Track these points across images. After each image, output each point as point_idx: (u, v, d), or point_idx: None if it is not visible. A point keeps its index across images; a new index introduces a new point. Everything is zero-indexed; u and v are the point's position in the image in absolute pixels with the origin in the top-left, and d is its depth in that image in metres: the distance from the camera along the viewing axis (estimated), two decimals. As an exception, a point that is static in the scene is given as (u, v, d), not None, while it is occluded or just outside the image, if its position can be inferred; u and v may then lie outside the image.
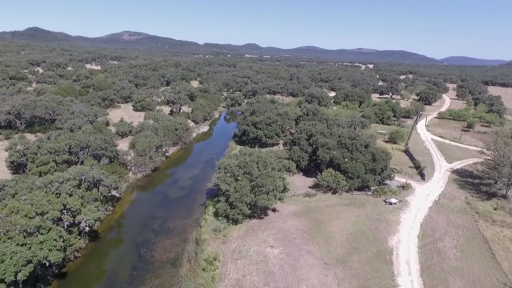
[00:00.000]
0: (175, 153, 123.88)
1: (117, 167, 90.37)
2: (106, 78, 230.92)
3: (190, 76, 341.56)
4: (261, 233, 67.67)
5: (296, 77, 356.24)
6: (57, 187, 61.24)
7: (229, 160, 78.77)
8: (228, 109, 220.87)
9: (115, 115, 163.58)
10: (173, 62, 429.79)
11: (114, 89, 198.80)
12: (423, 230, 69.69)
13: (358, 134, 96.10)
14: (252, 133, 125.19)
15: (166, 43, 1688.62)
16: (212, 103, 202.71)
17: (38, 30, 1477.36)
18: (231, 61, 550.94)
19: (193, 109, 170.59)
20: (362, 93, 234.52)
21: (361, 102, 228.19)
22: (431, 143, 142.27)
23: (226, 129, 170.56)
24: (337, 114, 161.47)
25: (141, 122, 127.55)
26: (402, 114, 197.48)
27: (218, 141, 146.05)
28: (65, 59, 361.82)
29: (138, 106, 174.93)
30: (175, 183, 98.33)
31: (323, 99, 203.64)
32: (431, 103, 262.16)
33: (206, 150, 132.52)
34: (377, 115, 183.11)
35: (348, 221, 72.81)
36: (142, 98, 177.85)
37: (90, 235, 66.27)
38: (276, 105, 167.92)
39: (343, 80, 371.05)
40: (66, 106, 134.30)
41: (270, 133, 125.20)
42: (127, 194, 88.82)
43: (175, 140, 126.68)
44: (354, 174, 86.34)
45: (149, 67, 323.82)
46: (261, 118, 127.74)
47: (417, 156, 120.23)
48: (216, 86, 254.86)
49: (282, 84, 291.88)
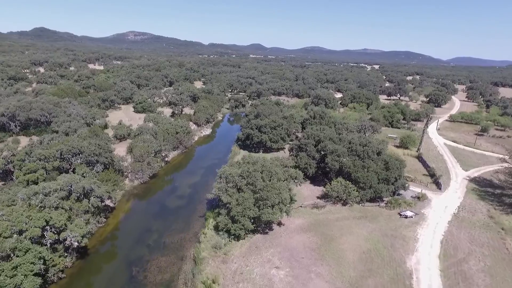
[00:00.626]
0: (175, 158, 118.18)
1: (112, 174, 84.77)
2: (108, 79, 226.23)
3: (194, 76, 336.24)
4: (266, 251, 61.55)
5: (301, 77, 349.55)
6: (42, 200, 55.67)
7: (231, 169, 72.77)
8: (232, 111, 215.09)
9: (115, 117, 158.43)
10: (177, 62, 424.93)
11: (115, 90, 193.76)
12: (444, 249, 63.10)
13: (369, 140, 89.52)
14: (257, 137, 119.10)
15: (171, 43, 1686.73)
16: (215, 104, 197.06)
17: (44, 30, 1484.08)
18: (236, 61, 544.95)
19: (195, 111, 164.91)
20: (370, 95, 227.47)
21: (369, 104, 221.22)
22: (444, 148, 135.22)
23: (230, 131, 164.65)
24: (345, 117, 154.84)
25: (140, 125, 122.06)
26: (411, 117, 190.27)
27: (221, 145, 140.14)
28: (68, 59, 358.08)
29: (138, 107, 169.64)
30: (174, 191, 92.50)
31: (329, 101, 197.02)
32: (440, 105, 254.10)
33: (208, 154, 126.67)
34: (386, 118, 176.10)
35: (361, 237, 66.45)
36: (143, 99, 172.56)
37: (79, 251, 60.60)
38: (282, 108, 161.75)
39: (350, 81, 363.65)
40: (63, 108, 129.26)
41: (275, 137, 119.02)
42: (122, 203, 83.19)
43: (176, 144, 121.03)
44: (366, 184, 79.91)
45: (152, 67, 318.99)
46: (266, 121, 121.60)
47: (431, 162, 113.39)
48: (220, 87, 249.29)
49: (287, 85, 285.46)
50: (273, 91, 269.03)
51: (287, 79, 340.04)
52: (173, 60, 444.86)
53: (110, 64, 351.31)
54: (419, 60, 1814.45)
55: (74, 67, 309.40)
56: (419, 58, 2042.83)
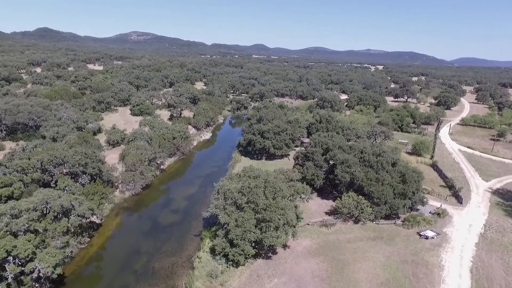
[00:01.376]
0: (171, 166, 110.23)
1: (100, 187, 76.91)
2: (105, 80, 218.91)
3: (195, 77, 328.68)
4: (268, 282, 53.38)
5: (305, 78, 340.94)
6: (7, 223, 47.79)
7: (229, 184, 64.61)
8: (233, 113, 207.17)
9: (111, 120, 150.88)
10: (179, 62, 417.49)
11: (112, 91, 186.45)
12: (476, 280, 54.58)
13: (383, 149, 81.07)
14: (259, 143, 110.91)
15: (173, 44, 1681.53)
16: (216, 107, 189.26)
17: (48, 30, 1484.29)
18: (238, 62, 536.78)
19: (195, 114, 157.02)
20: (377, 97, 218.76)
21: (376, 106, 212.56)
22: (460, 155, 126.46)
23: (231, 135, 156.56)
24: (353, 120, 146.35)
25: (134, 130, 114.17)
26: (422, 120, 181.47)
27: (221, 150, 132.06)
28: (67, 59, 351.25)
29: (135, 110, 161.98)
30: (168, 205, 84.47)
31: (335, 103, 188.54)
32: (450, 107, 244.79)
33: (207, 161, 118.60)
34: (396, 122, 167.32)
35: (377, 263, 58.09)
36: (141, 101, 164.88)
37: (54, 281, 52.63)
38: (286, 111, 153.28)
39: (355, 82, 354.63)
40: (54, 111, 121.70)
41: (279, 143, 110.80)
42: (110, 218, 75.29)
43: (172, 150, 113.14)
44: (380, 200, 71.51)
45: (152, 68, 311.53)
46: (269, 126, 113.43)
47: (447, 171, 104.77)
48: (221, 88, 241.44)
49: (290, 86, 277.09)
50: (276, 92, 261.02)
51: (290, 80, 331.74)
52: (174, 61, 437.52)
53: (110, 64, 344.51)
54: (423, 61, 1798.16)
55: (73, 67, 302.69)
56: (422, 58, 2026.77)
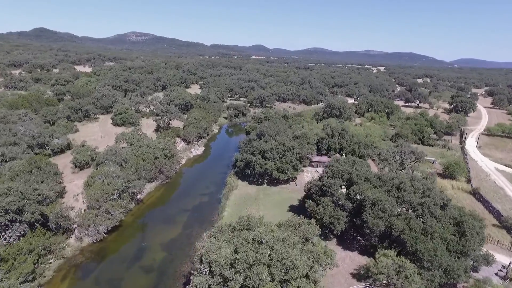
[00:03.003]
0: (151, 194, 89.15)
1: (40, 238, 55.93)
2: (88, 83, 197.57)
3: (190, 79, 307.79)
4: None
5: (307, 81, 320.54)
6: None
7: (217, 250, 43.45)
8: (230, 121, 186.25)
9: (87, 132, 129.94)
10: (174, 63, 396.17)
11: (94, 97, 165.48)
12: None
13: (429, 185, 60.03)
14: (259, 166, 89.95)
15: (172, 44, 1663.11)
16: (210, 114, 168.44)
17: (44, 30, 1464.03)
18: (237, 63, 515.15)
19: (185, 124, 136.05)
20: (389, 102, 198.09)
21: (389, 113, 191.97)
22: (500, 177, 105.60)
23: (227, 149, 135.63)
24: (368, 133, 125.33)
25: (107, 148, 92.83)
26: (442, 130, 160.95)
27: (215, 170, 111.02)
28: (54, 60, 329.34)
29: (117, 119, 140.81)
30: (138, 258, 63.23)
31: (344, 111, 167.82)
32: (467, 113, 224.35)
33: (197, 186, 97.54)
34: (415, 133, 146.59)
35: None
36: (124, 109, 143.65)
37: None
38: (291, 122, 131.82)
39: (360, 85, 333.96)
40: (11, 123, 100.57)
41: (284, 165, 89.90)
42: (53, 284, 54.25)
43: (154, 173, 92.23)
44: (433, 264, 50.64)
45: (144, 70, 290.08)
46: (272, 144, 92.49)
47: (495, 202, 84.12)
48: (218, 92, 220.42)
49: (293, 89, 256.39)
50: (278, 96, 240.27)
51: (292, 82, 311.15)
52: (170, 62, 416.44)
53: (100, 65, 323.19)
54: (423, 62, 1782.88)
55: (60, 69, 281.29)
56: (422, 59, 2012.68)
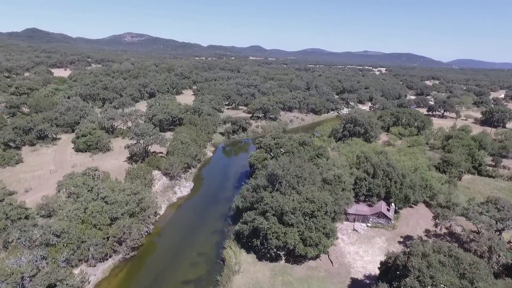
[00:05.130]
0: (101, 283, 55.50)
1: None
2: (56, 92, 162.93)
3: (183, 84, 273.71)
4: None
5: (314, 85, 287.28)
6: None
7: None
8: (228, 138, 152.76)
9: (34, 164, 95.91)
10: (166, 66, 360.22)
11: (56, 110, 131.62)
12: None
13: None
14: (276, 236, 56.53)
15: (168, 45, 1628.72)
16: (204, 131, 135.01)
17: (36, 31, 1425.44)
18: (235, 65, 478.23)
19: (169, 150, 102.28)
20: (418, 114, 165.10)
21: (420, 127, 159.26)
22: None
23: (225, 184, 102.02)
24: (417, 167, 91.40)
25: (41, 202, 58.78)
26: (494, 151, 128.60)
27: (207, 226, 76.98)
28: (30, 63, 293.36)
29: (80, 144, 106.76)
30: None
31: (371, 127, 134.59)
32: (505, 124, 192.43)
33: (178, 262, 63.53)
34: (466, 158, 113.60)
35: None
36: (89, 129, 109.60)
37: None
38: (311, 153, 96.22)
39: (371, 89, 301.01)
40: None
41: (314, 234, 56.54)
42: None
43: (109, 247, 58.62)
44: None
45: (130, 74, 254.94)
46: (295, 202, 58.94)
47: None
48: (214, 101, 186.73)
49: (299, 97, 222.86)
50: (282, 105, 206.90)
51: (297, 88, 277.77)
52: (161, 64, 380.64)
53: (82, 69, 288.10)
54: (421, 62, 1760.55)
55: (33, 73, 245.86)
56: (421, 60, 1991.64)
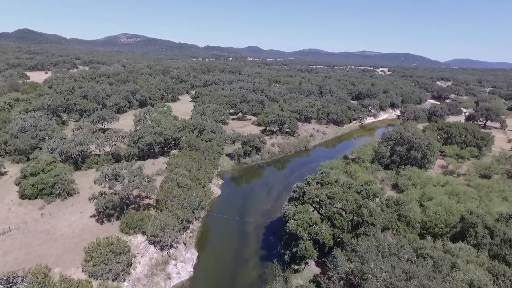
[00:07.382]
0: None
1: None
2: (16, 104, 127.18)
3: (180, 89, 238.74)
4: None
5: (328, 90, 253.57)
6: None
7: None
8: (238, 162, 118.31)
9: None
10: (161, 68, 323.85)
11: (6, 131, 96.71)
12: None
13: None
14: None
15: (165, 46, 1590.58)
16: (207, 157, 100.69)
17: (28, 31, 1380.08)
18: (235, 66, 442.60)
19: (159, 198, 67.56)
20: (475, 128, 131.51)
21: (479, 146, 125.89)
22: None
23: (245, 248, 67.48)
24: None
25: None
26: None
27: None
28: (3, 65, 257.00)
29: (27, 187, 71.69)
30: None
31: (431, 151, 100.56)
32: None
33: None
34: None
35: None
36: (43, 164, 74.58)
37: None
38: (367, 203, 59.88)
39: (391, 93, 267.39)
40: None
41: None
42: None
43: None
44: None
45: (118, 78, 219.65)
46: None
47: None
48: (217, 112, 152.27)
49: (317, 104, 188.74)
50: (298, 114, 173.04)
51: (309, 92, 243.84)
52: (156, 66, 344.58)
53: (65, 72, 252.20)
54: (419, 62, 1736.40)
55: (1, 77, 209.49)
56: (419, 60, 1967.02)
